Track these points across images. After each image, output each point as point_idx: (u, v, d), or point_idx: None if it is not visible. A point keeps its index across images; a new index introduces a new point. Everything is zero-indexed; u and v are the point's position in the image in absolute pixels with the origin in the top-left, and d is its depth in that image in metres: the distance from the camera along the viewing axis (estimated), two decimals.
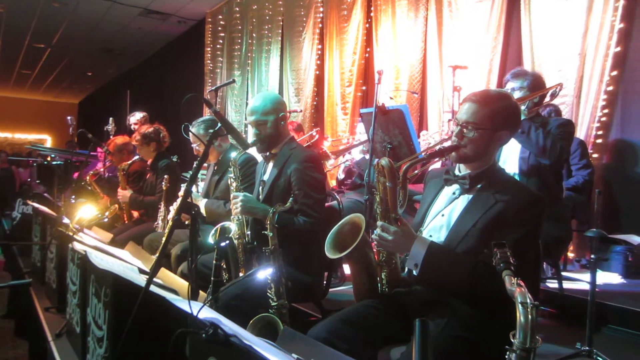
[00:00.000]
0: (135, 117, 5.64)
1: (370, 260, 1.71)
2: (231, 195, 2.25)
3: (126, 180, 4.05)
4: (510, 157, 2.74)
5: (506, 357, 0.98)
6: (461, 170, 1.67)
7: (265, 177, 2.34)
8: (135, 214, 4.04)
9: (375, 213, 1.63)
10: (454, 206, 1.63)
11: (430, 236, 1.63)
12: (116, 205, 4.10)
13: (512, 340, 0.97)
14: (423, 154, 1.73)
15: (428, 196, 1.76)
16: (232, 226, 2.11)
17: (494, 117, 1.56)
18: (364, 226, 1.65)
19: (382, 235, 1.55)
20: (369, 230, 1.68)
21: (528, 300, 0.96)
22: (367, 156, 3.95)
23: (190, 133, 3.06)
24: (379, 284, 1.72)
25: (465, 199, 1.61)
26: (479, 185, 1.60)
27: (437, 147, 1.70)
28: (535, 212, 1.51)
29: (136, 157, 4.14)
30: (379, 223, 1.58)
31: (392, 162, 1.60)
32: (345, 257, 1.65)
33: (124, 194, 3.91)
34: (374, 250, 1.72)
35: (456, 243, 1.54)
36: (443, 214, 1.64)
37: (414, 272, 1.53)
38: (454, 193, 1.65)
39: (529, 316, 0.95)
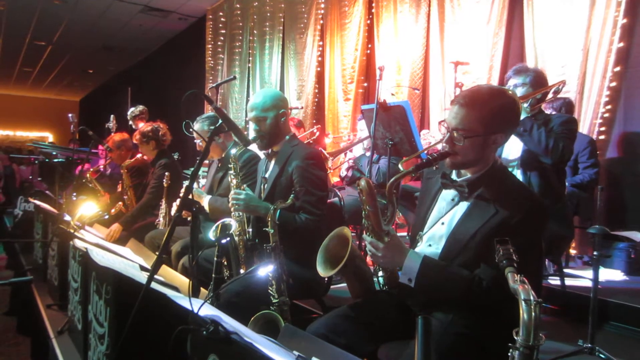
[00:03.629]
0: (129, 113, 5.65)
1: (363, 272, 1.68)
2: (232, 192, 2.24)
3: (129, 177, 4.05)
4: (514, 147, 2.71)
5: (509, 354, 0.97)
6: (460, 174, 1.58)
7: (267, 175, 2.34)
8: None
9: (364, 226, 1.56)
10: (453, 214, 1.54)
11: (430, 245, 1.58)
12: (120, 203, 4.10)
13: (515, 338, 0.96)
14: (411, 167, 1.58)
15: (427, 195, 1.69)
16: (233, 223, 2.10)
17: (485, 120, 1.42)
18: (350, 241, 1.59)
19: (372, 251, 1.52)
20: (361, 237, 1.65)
21: (532, 297, 0.95)
22: (368, 153, 3.95)
23: (194, 129, 3.05)
24: (377, 285, 1.70)
25: (464, 205, 1.53)
26: (477, 192, 1.50)
27: (425, 158, 1.59)
28: (537, 221, 1.44)
29: (139, 155, 4.14)
30: (367, 239, 1.52)
31: (370, 183, 1.51)
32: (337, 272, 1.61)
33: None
34: (367, 260, 1.69)
35: (454, 254, 1.48)
36: (443, 222, 1.56)
37: (410, 285, 1.48)
38: (452, 199, 1.57)
39: (533, 313, 0.94)
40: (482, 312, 1.45)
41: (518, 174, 2.63)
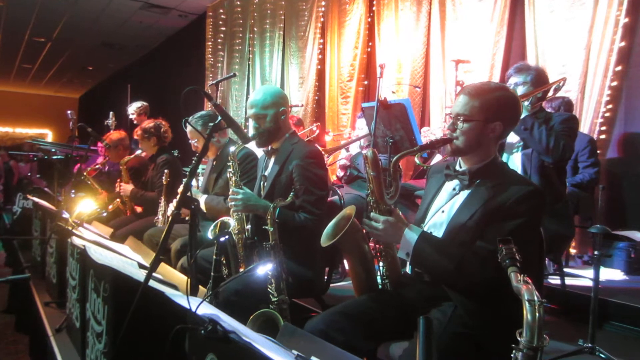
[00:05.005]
0: (132, 107, 5.63)
1: (365, 252, 1.72)
2: (230, 191, 2.22)
3: (128, 177, 4.04)
4: (513, 154, 2.73)
5: (512, 355, 0.96)
6: (462, 165, 1.65)
7: (267, 173, 2.32)
8: (139, 208, 4.03)
9: (368, 205, 1.64)
10: (454, 202, 1.61)
11: (431, 232, 1.61)
12: (118, 200, 4.09)
13: (519, 339, 0.95)
14: (416, 147, 1.74)
15: (429, 192, 1.74)
16: (232, 221, 2.09)
17: (485, 108, 1.54)
18: (353, 214, 1.67)
19: (372, 225, 1.56)
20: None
21: (535, 298, 0.93)
22: (364, 151, 3.94)
23: (187, 129, 3.04)
24: (379, 277, 1.72)
25: (464, 194, 1.59)
26: (477, 181, 1.58)
27: (429, 140, 1.71)
28: (533, 204, 1.47)
29: (138, 152, 4.12)
30: (371, 214, 1.59)
31: (376, 152, 1.63)
32: (338, 246, 1.67)
33: (126, 187, 3.89)
34: (370, 243, 1.73)
35: (453, 237, 1.53)
36: (443, 210, 1.62)
37: (407, 261, 1.53)
38: (454, 189, 1.63)
39: (537, 314, 0.92)
40: (480, 311, 1.45)
41: (519, 156, 2.63)
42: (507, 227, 1.43)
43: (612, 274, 3.29)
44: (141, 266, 1.87)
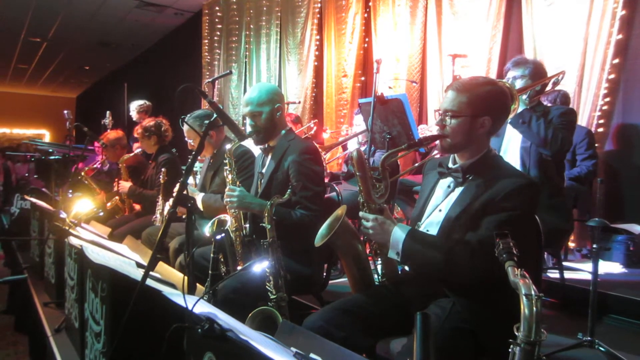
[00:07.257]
0: (134, 105, 5.65)
1: (359, 252, 1.71)
2: (227, 188, 2.22)
3: (127, 173, 4.04)
4: (511, 147, 2.72)
5: (510, 350, 0.95)
6: (457, 161, 1.63)
7: (264, 170, 2.32)
8: (137, 206, 4.02)
9: (359, 204, 1.64)
10: (450, 200, 1.59)
11: (427, 231, 1.61)
12: (117, 197, 4.08)
13: (516, 334, 0.94)
14: (404, 145, 1.72)
15: (425, 188, 1.73)
16: (229, 219, 2.08)
17: (473, 103, 1.52)
18: (344, 213, 1.67)
19: (363, 224, 1.57)
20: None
21: (533, 292, 0.93)
22: (362, 147, 3.93)
23: (184, 127, 3.03)
24: (375, 275, 1.72)
25: (459, 190, 1.58)
26: (471, 177, 1.56)
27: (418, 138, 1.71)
28: (525, 197, 1.45)
29: (138, 151, 4.11)
30: (360, 214, 1.59)
31: (361, 152, 1.63)
32: (330, 245, 1.67)
33: (124, 185, 3.89)
34: (364, 242, 1.73)
35: (448, 233, 1.52)
36: (440, 209, 1.61)
37: (397, 259, 1.52)
38: (449, 186, 1.62)
39: (534, 308, 0.92)
40: (479, 306, 1.44)
41: (518, 150, 2.61)
42: (499, 220, 1.41)
43: (611, 267, 3.30)
44: (139, 265, 1.86)
